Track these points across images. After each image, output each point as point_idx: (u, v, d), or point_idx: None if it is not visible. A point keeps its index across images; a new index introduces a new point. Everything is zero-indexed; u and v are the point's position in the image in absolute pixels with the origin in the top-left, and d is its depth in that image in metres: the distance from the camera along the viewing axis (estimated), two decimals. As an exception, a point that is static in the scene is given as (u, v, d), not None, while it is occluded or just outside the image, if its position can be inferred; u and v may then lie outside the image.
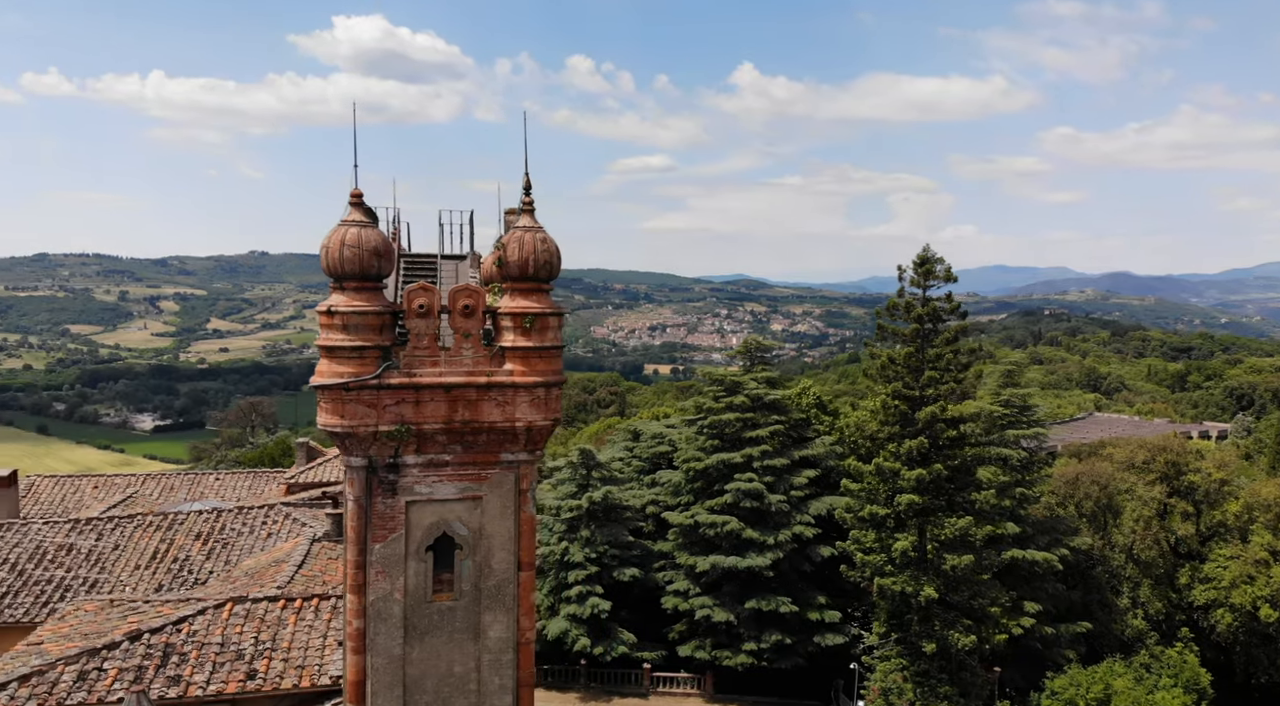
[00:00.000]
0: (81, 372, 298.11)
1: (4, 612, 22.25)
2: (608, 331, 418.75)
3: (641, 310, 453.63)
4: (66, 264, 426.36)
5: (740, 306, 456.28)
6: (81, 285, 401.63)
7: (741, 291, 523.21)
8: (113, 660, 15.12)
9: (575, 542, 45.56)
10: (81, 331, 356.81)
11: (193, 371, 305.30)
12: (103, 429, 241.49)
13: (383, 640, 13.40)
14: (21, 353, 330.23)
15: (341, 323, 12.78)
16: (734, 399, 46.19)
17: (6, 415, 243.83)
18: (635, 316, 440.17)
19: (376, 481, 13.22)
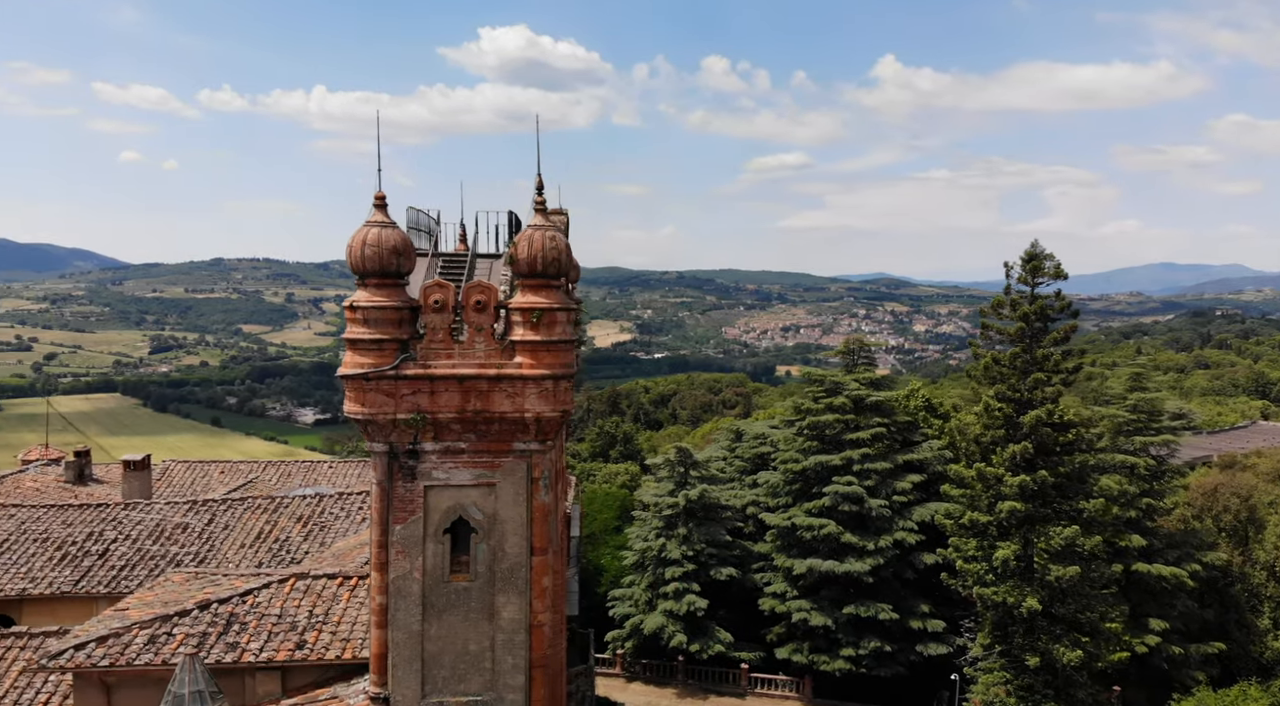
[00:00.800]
0: (251, 369, 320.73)
1: (121, 583, 24.62)
2: (739, 332, 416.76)
3: (774, 311, 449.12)
4: (239, 268, 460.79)
5: (880, 306, 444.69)
6: (252, 288, 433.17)
7: (881, 291, 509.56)
8: (181, 626, 16.64)
9: (672, 539, 45.94)
10: (252, 331, 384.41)
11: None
12: (269, 421, 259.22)
13: (402, 616, 14.24)
14: (199, 350, 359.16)
15: (363, 317, 13.68)
16: (834, 400, 45.46)
17: (185, 408, 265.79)
18: (767, 317, 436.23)
19: (397, 466, 14.06)
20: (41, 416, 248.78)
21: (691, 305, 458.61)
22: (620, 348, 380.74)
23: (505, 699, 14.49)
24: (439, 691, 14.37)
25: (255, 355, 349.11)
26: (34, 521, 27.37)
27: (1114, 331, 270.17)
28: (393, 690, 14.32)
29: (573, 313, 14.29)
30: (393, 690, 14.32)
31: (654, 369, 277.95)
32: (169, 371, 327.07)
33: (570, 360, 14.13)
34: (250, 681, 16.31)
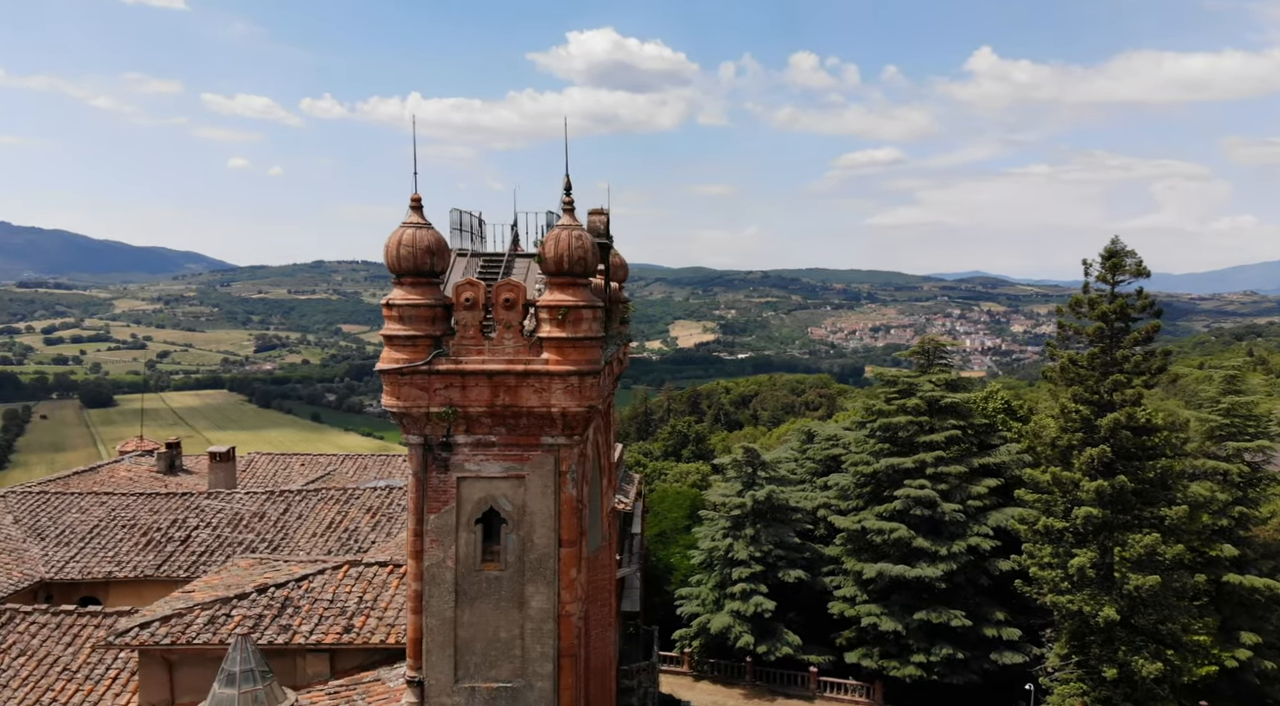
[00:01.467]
0: (350, 367, 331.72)
1: (200, 568, 25.99)
2: (826, 332, 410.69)
3: (863, 310, 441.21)
4: (339, 270, 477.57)
5: (975, 306, 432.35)
6: (351, 289, 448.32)
7: (977, 290, 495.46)
8: (240, 608, 17.56)
9: (739, 540, 45.80)
10: (351, 330, 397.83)
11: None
12: (366, 417, 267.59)
13: (436, 602, 14.74)
14: (301, 349, 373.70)
15: (398, 314, 14.23)
16: (907, 401, 44.62)
17: (287, 404, 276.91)
18: (856, 317, 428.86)
19: (431, 458, 14.58)
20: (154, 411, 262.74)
21: (776, 305, 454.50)
22: (703, 348, 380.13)
23: (534, 686, 14.86)
24: (471, 677, 14.83)
25: (354, 354, 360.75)
26: (123, 509, 29.12)
27: (1225, 332, 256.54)
28: (427, 674, 14.84)
29: (599, 310, 14.54)
30: (427, 674, 14.84)
31: (737, 370, 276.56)
32: (272, 369, 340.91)
33: (596, 357, 14.40)
34: (301, 662, 17.10)
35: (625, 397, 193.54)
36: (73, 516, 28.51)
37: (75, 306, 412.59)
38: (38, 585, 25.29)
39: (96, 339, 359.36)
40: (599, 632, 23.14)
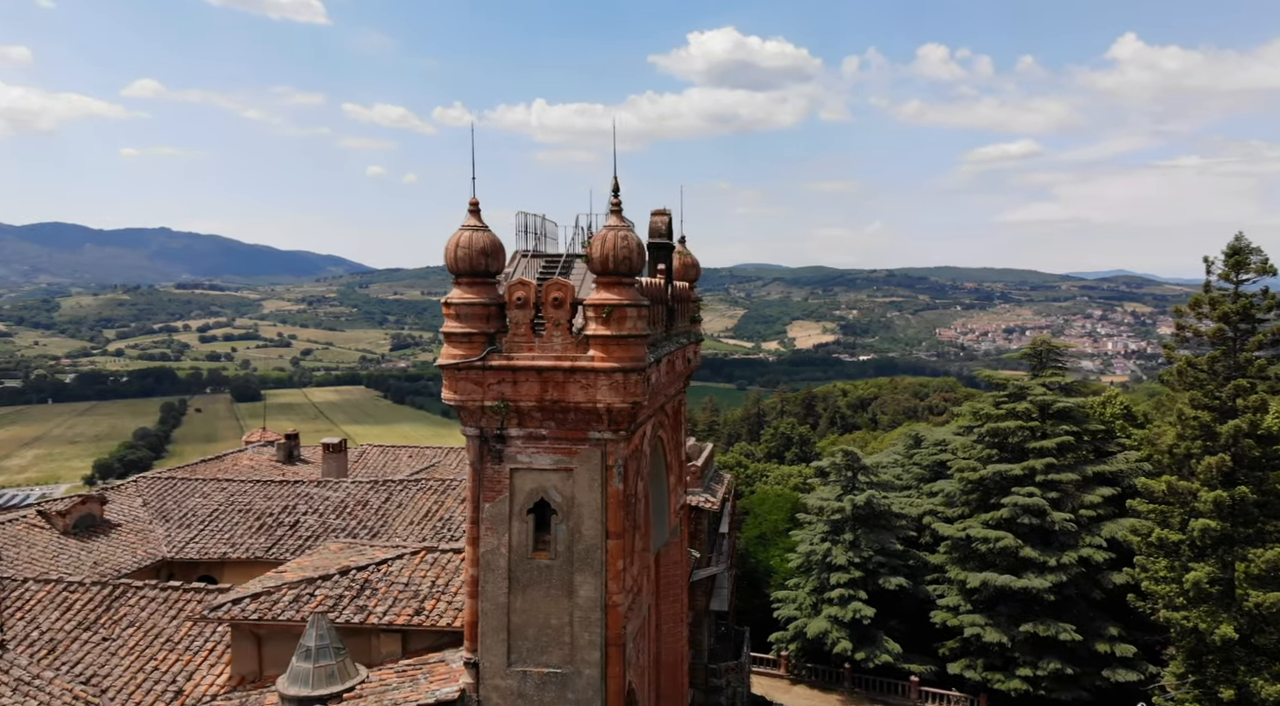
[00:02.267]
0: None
1: (305, 551, 27.69)
2: (955, 333, 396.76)
3: (995, 311, 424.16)
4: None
5: (1118, 307, 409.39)
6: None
7: (1121, 289, 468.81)
8: (323, 588, 18.75)
9: (839, 545, 45.20)
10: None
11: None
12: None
13: (491, 588, 15.43)
14: (433, 348, 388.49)
15: (455, 312, 14.99)
16: (1017, 406, 43.01)
17: (419, 400, 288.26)
18: (988, 318, 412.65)
19: (486, 449, 15.27)
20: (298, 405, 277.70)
21: (902, 305, 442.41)
22: (822, 349, 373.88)
23: (582, 673, 15.34)
24: (523, 661, 15.44)
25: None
26: (241, 494, 31.30)
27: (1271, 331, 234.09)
28: (482, 656, 15.55)
29: (645, 308, 14.90)
30: (482, 656, 15.55)
31: (858, 372, 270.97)
32: (406, 367, 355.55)
33: (640, 354, 14.76)
34: (376, 641, 18.13)
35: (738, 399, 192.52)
36: (195, 501, 30.86)
37: (228, 307, 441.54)
38: (160, 563, 27.54)
39: (246, 337, 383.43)
40: (670, 628, 23.50)
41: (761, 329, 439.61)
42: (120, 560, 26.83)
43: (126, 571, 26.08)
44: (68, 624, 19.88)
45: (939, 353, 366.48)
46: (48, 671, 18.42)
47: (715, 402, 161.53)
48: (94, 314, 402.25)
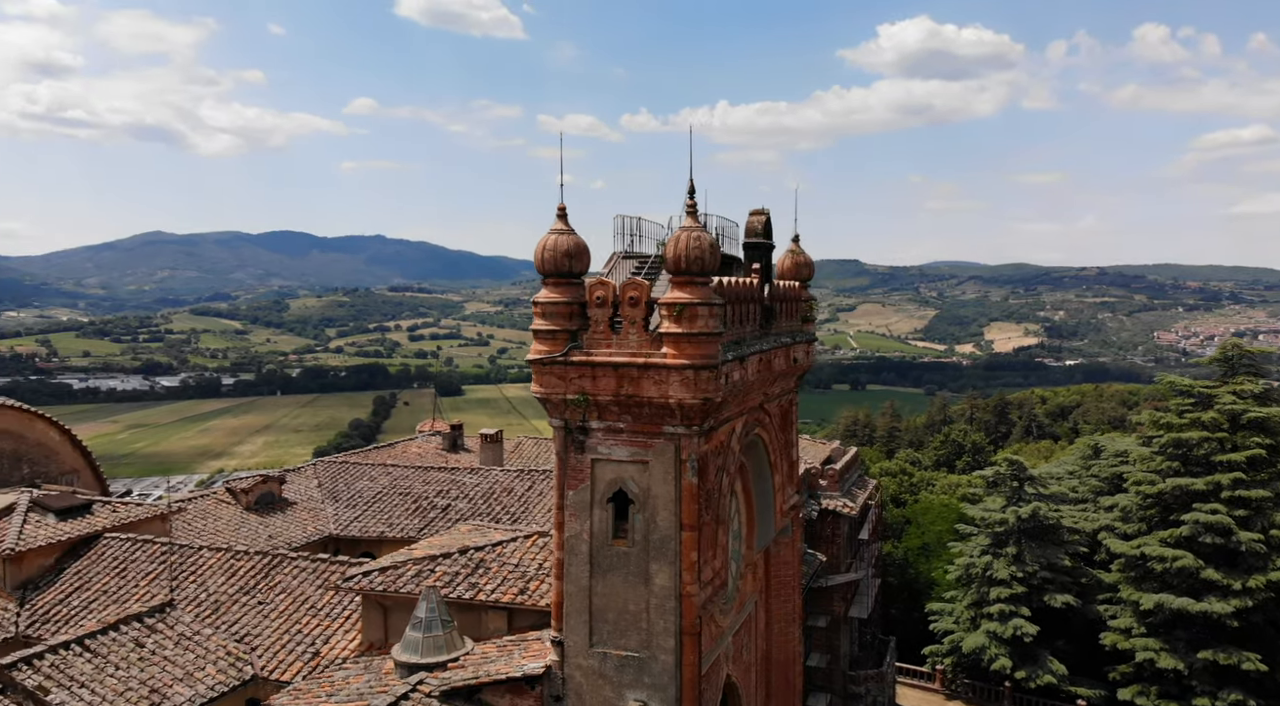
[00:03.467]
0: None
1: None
2: (1176, 337, 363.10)
3: (1224, 312, 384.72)
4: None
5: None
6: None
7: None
8: (442, 565, 20.32)
9: (1000, 559, 43.10)
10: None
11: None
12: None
13: (574, 571, 16.32)
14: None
15: (541, 310, 16.01)
16: (1202, 415, 39.52)
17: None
18: (1214, 319, 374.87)
19: (570, 440, 16.19)
20: (493, 400, 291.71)
21: (1115, 306, 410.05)
22: (1023, 353, 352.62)
23: (658, 658, 15.94)
24: (604, 642, 16.23)
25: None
26: (402, 479, 33.99)
27: None
28: (566, 636, 16.47)
29: (717, 307, 15.30)
30: (566, 636, 16.47)
31: (1064, 378, 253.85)
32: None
33: (712, 352, 15.18)
34: (485, 617, 19.47)
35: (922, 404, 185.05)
36: (363, 484, 33.82)
37: (434, 308, 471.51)
38: (326, 539, 30.46)
39: (450, 336, 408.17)
40: (781, 627, 23.64)
41: (955, 331, 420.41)
42: (291, 534, 29.93)
43: (296, 544, 29.07)
44: (231, 588, 22.57)
45: (1157, 358, 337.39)
46: (208, 628, 21.06)
47: (897, 408, 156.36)
48: (318, 314, 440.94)
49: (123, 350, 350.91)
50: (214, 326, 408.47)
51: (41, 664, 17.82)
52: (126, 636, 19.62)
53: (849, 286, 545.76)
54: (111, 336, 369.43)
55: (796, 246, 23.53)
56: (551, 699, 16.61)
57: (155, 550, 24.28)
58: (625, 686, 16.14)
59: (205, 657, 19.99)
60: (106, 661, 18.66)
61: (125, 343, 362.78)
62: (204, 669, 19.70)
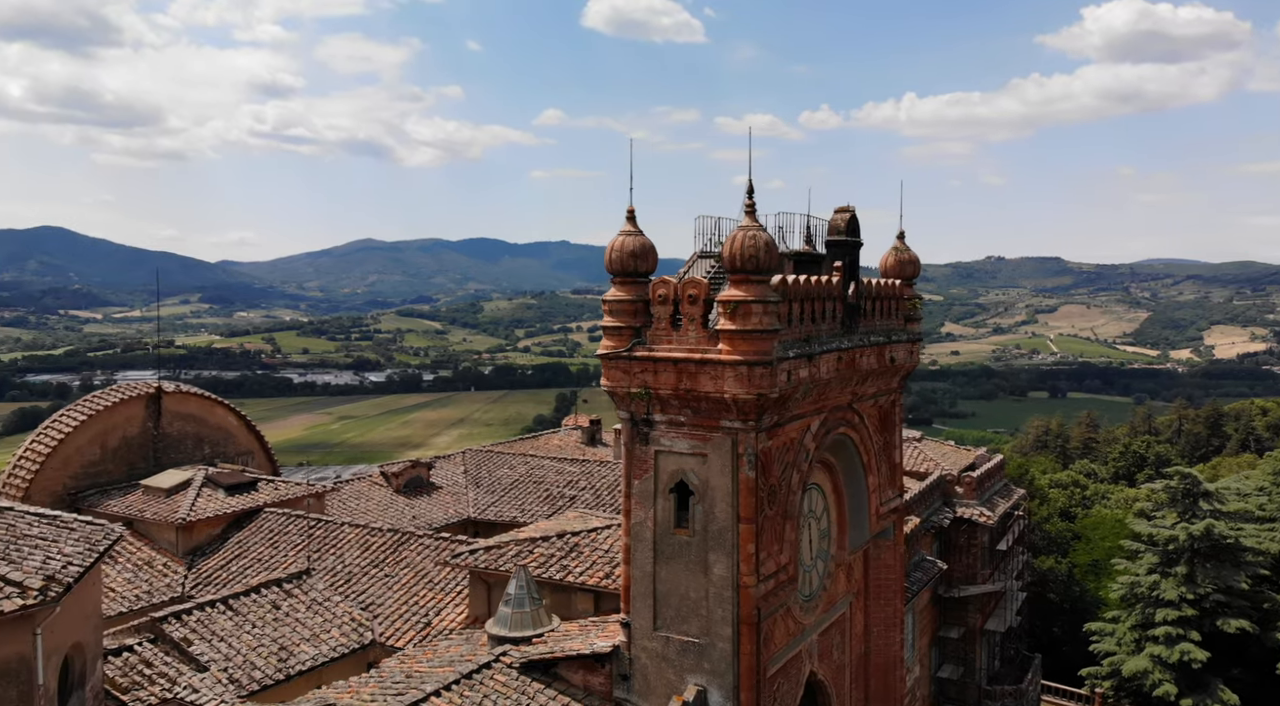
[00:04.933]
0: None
1: (572, 520, 31.20)
2: None
3: None
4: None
5: None
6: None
7: None
8: (540, 547, 21.56)
9: (1169, 578, 40.08)
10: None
11: (923, 372, 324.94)
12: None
13: (639, 557, 17.06)
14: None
15: (609, 308, 16.87)
16: None
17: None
18: None
19: (635, 432, 16.94)
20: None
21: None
22: (1248, 359, 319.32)
23: (716, 646, 16.41)
24: (667, 627, 16.88)
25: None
26: (538, 469, 35.85)
27: None
28: (633, 618, 17.23)
29: (772, 304, 15.60)
30: (633, 618, 17.23)
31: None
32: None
33: (766, 348, 15.48)
34: (574, 598, 20.55)
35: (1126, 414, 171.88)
36: (503, 471, 35.94)
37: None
38: (465, 521, 32.66)
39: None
40: (881, 631, 23.39)
41: (1170, 335, 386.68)
42: (433, 515, 32.33)
43: (436, 525, 31.37)
44: (363, 560, 24.83)
45: None
46: (337, 596, 23.32)
47: (1095, 417, 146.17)
48: (508, 316, 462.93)
49: (337, 348, 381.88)
50: (417, 326, 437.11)
51: (189, 619, 20.48)
52: (265, 598, 22.13)
53: (1049, 286, 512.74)
54: (327, 335, 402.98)
55: (901, 243, 23.17)
56: (619, 677, 17.41)
57: (305, 524, 27.04)
58: (686, 670, 16.71)
59: (331, 622, 22.21)
60: (245, 619, 21.16)
61: (339, 341, 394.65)
62: (329, 631, 21.91)
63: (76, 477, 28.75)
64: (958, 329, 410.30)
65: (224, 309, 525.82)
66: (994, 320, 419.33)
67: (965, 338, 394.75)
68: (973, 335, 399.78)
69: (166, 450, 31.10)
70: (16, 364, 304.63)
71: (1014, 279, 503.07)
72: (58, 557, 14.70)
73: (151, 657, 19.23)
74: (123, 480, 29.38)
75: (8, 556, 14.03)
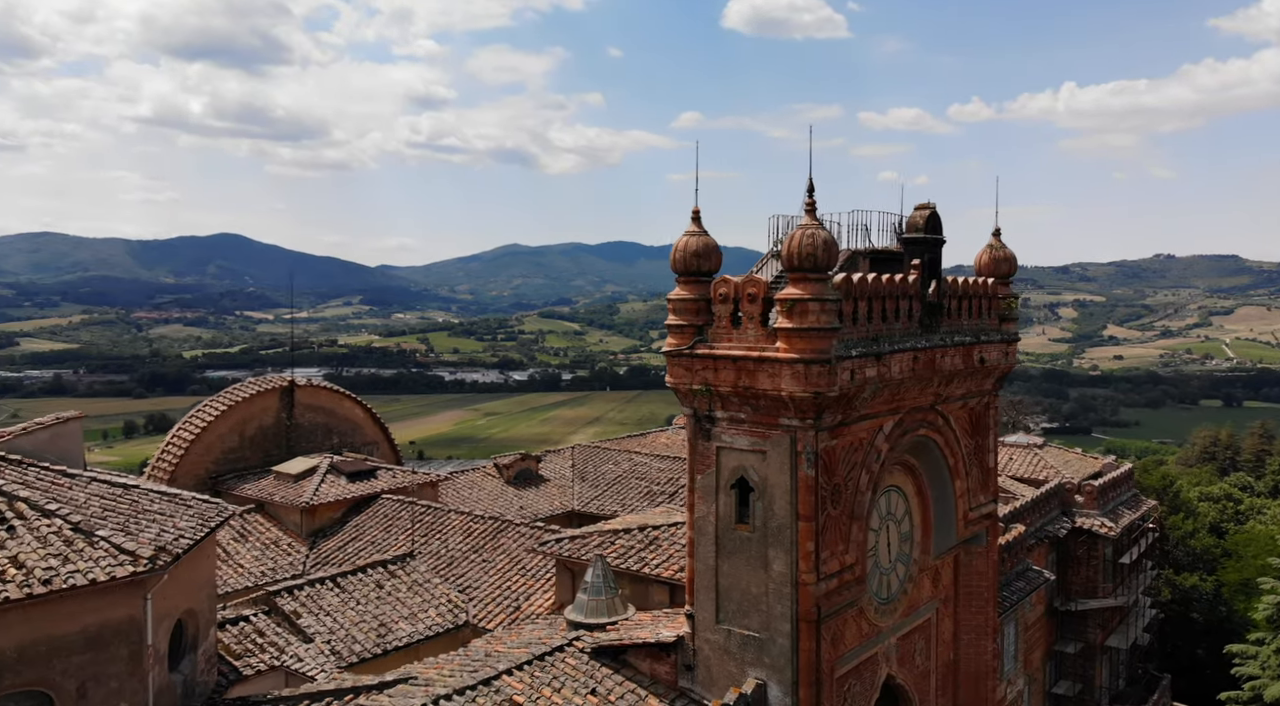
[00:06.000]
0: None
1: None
2: None
3: None
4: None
5: None
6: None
7: None
8: (621, 538, 22.15)
9: (1323, 599, 36.88)
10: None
11: (1084, 377, 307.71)
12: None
13: (702, 550, 17.41)
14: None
15: (673, 307, 17.30)
16: None
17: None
18: None
19: (698, 428, 17.30)
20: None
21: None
22: None
23: (776, 641, 16.56)
24: (729, 620, 17.15)
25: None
26: (642, 465, 36.58)
27: None
28: (696, 611, 17.60)
29: (830, 303, 15.62)
30: (696, 611, 17.60)
31: None
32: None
33: (823, 347, 15.53)
34: (651, 589, 21.04)
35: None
36: (608, 466, 36.85)
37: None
38: (569, 513, 33.72)
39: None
40: (970, 639, 22.84)
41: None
42: (539, 506, 33.55)
43: (541, 516, 32.57)
44: (464, 546, 26.15)
45: None
46: (437, 578, 24.67)
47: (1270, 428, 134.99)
48: (643, 317, 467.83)
49: (484, 348, 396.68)
50: (557, 328, 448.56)
51: (300, 594, 22.20)
52: (370, 578, 23.71)
53: (1225, 286, 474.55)
54: (475, 335, 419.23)
55: (997, 240, 22.53)
56: (684, 667, 17.80)
57: (416, 510, 28.68)
58: (747, 663, 16.92)
59: (429, 602, 23.56)
60: (350, 596, 22.75)
61: (486, 341, 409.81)
62: (427, 611, 23.25)
63: (217, 462, 31.49)
64: (1121, 332, 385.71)
65: (382, 310, 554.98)
66: (1162, 322, 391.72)
67: (1130, 341, 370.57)
68: (1138, 338, 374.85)
69: (298, 439, 33.57)
70: (197, 360, 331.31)
71: (1185, 278, 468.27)
72: (171, 530, 16.40)
73: (264, 627, 21.01)
74: (258, 466, 31.92)
75: (126, 527, 15.78)
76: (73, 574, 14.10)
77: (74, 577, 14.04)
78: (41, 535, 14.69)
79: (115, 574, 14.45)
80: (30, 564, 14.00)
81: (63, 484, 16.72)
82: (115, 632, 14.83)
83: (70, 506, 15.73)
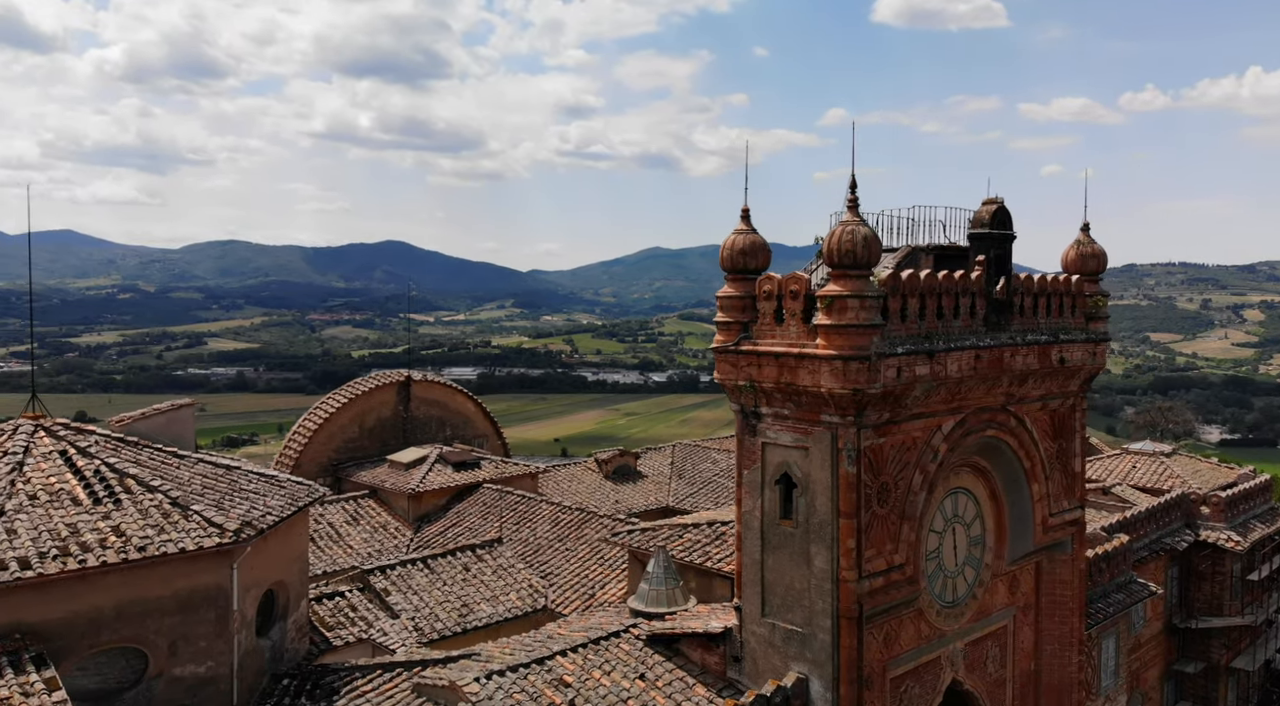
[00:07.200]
0: (1155, 379, 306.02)
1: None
2: None
3: None
4: (1152, 273, 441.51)
5: None
6: (1165, 294, 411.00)
7: None
8: (690, 533, 22.53)
9: None
10: (1161, 339, 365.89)
11: (1270, 385, 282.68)
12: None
13: (748, 544, 17.65)
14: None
15: (720, 304, 17.64)
16: None
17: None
18: None
19: (745, 423, 17.55)
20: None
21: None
22: None
23: (817, 637, 16.63)
24: (773, 614, 17.33)
25: (1161, 365, 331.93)
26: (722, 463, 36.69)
27: None
28: (744, 603, 17.85)
29: (870, 299, 15.57)
30: (744, 603, 17.85)
31: None
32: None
33: (862, 343, 15.49)
34: (714, 583, 21.39)
35: None
36: (705, 465, 37.24)
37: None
38: (662, 509, 34.34)
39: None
40: (1053, 649, 22.08)
41: None
42: (634, 501, 34.33)
43: (635, 510, 33.32)
44: (550, 535, 27.19)
45: None
46: (521, 564, 25.78)
47: None
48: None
49: (625, 349, 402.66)
50: (696, 330, 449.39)
51: (391, 573, 23.77)
52: (458, 561, 25.07)
53: None
54: (617, 337, 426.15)
55: (1085, 236, 21.63)
56: (732, 659, 18.07)
57: (513, 499, 30.02)
58: (790, 657, 17.04)
59: (511, 586, 24.70)
60: (438, 577, 24.16)
61: (627, 343, 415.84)
62: (508, 595, 24.40)
63: (339, 451, 33.90)
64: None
65: (532, 313, 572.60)
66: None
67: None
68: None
69: (414, 431, 35.66)
70: (364, 360, 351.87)
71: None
72: (261, 508, 18.07)
73: (356, 603, 22.66)
74: (375, 455, 34.14)
75: (220, 504, 17.53)
76: (165, 543, 15.85)
77: (166, 546, 15.77)
78: (144, 508, 16.55)
79: (203, 544, 16.12)
80: (130, 533, 15.83)
81: (171, 463, 18.70)
82: (204, 598, 16.53)
83: (173, 483, 17.61)
